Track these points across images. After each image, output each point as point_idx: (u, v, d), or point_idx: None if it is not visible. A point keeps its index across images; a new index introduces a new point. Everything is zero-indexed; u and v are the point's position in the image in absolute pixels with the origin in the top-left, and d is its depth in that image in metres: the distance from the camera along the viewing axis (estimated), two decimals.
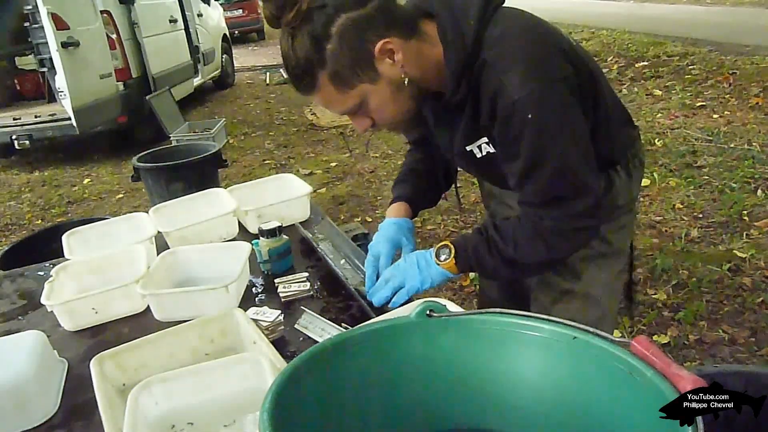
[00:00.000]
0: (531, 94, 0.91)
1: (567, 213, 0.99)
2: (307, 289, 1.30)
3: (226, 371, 0.93)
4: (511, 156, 0.98)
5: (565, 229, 1.01)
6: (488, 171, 1.15)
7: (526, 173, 0.98)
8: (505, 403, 0.69)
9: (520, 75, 0.91)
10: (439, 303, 0.72)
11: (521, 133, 0.94)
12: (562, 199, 0.98)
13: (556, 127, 0.94)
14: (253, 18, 14.60)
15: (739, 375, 1.00)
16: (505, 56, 0.93)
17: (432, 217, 3.54)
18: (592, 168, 0.99)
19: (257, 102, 7.71)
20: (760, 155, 3.94)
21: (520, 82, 0.91)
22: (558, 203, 0.98)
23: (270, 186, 1.81)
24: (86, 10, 4.91)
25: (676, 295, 2.56)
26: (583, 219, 1.00)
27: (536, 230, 1.02)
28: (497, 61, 0.93)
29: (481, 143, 1.06)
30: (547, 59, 0.94)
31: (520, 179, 0.99)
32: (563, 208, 0.99)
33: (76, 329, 1.26)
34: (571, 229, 1.01)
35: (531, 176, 0.98)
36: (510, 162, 0.99)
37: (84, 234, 1.58)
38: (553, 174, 0.96)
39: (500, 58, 0.93)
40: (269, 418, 0.54)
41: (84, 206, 4.51)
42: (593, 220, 1.02)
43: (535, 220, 1.02)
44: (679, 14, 10.78)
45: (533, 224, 1.02)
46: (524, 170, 0.97)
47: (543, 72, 0.93)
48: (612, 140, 1.10)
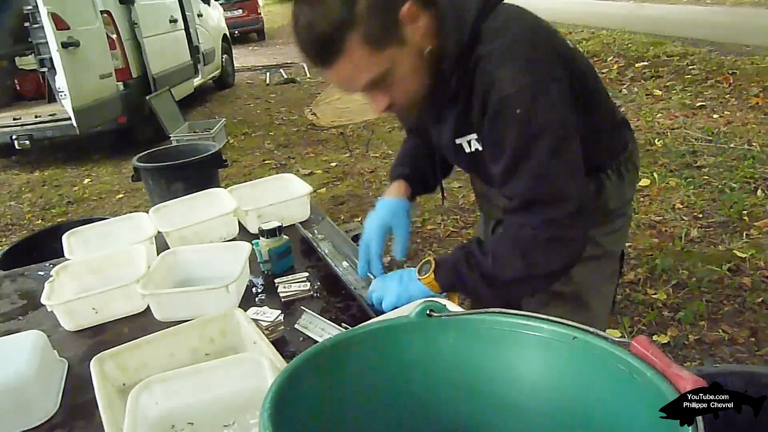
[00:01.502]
0: (522, 91, 0.90)
1: (544, 219, 0.97)
2: (307, 289, 1.30)
3: (226, 371, 0.93)
4: (498, 154, 0.97)
5: (541, 238, 0.98)
6: (476, 167, 1.15)
7: (508, 172, 0.96)
8: (505, 403, 0.69)
9: (513, 71, 0.91)
10: (439, 303, 0.72)
11: (508, 129, 0.93)
12: (540, 204, 0.96)
13: (543, 127, 0.93)
14: (253, 18, 14.60)
15: (739, 375, 1.00)
16: (502, 51, 0.92)
17: (432, 217, 3.54)
18: (577, 174, 0.97)
19: (257, 102, 7.71)
20: (760, 155, 3.94)
21: (513, 77, 0.90)
22: (537, 208, 0.97)
23: (270, 186, 1.81)
24: (86, 10, 4.91)
25: (676, 295, 2.56)
26: (560, 228, 0.97)
27: (514, 241, 1.00)
28: (493, 54, 0.93)
29: (470, 138, 1.05)
30: (543, 58, 0.94)
31: (503, 178, 0.98)
32: (541, 214, 0.97)
33: (77, 329, 1.26)
34: (548, 239, 0.98)
35: (513, 175, 0.96)
36: (496, 161, 0.98)
37: (84, 234, 1.58)
38: (533, 175, 0.95)
39: (496, 52, 0.93)
40: (269, 418, 0.54)
41: (84, 206, 4.51)
42: (573, 231, 0.98)
43: (514, 229, 1.01)
44: (679, 14, 10.78)
45: (512, 234, 1.01)
46: (507, 169, 0.96)
47: (537, 70, 0.92)
48: (603, 144, 1.09)
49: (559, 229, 0.97)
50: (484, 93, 0.94)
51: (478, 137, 1.03)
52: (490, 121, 0.95)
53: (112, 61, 5.24)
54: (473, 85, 0.96)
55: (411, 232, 1.27)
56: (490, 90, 0.93)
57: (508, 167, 0.96)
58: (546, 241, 0.98)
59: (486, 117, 0.95)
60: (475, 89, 0.96)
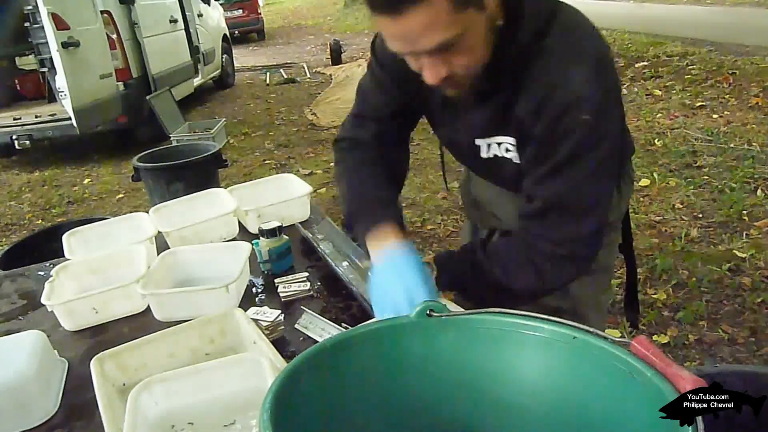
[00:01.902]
0: (593, 97, 0.86)
1: (565, 235, 0.93)
2: (307, 289, 1.30)
3: (226, 371, 0.93)
4: (546, 153, 0.90)
5: (558, 254, 0.94)
6: (488, 171, 1.10)
7: (551, 172, 0.91)
8: (505, 403, 0.69)
9: (587, 74, 0.86)
10: (439, 303, 0.72)
11: (569, 132, 0.87)
12: (563, 214, 0.93)
13: (602, 139, 0.89)
14: (253, 18, 14.60)
15: (739, 375, 1.00)
16: (574, 50, 0.87)
17: (432, 217, 3.54)
18: (610, 194, 0.95)
19: (257, 102, 7.71)
20: (760, 155, 3.94)
21: (586, 80, 0.85)
22: (558, 218, 0.93)
23: (270, 186, 1.81)
24: (86, 10, 4.91)
25: (676, 295, 2.56)
26: (579, 245, 0.95)
27: (529, 252, 0.96)
28: (564, 50, 0.86)
29: (492, 142, 0.98)
30: (610, 66, 0.90)
31: (540, 178, 0.92)
32: (561, 228, 0.93)
33: (77, 329, 1.26)
34: (564, 255, 0.95)
35: (554, 177, 0.91)
36: (540, 159, 0.92)
37: (84, 234, 1.58)
38: (574, 183, 0.90)
39: (568, 48, 0.86)
40: (269, 418, 0.54)
41: (84, 206, 4.51)
42: (587, 250, 0.96)
43: (530, 240, 0.96)
44: (679, 14, 10.77)
45: (527, 245, 0.97)
46: (551, 169, 0.90)
47: (606, 78, 0.88)
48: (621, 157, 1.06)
49: (577, 247, 0.95)
50: (547, 88, 0.87)
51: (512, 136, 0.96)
52: (548, 120, 0.88)
53: (112, 61, 5.24)
54: (524, 78, 0.89)
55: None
56: (555, 87, 0.86)
57: (553, 168, 0.91)
58: (562, 258, 0.95)
59: (542, 114, 0.88)
60: (526, 83, 0.89)
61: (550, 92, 0.87)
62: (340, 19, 16.38)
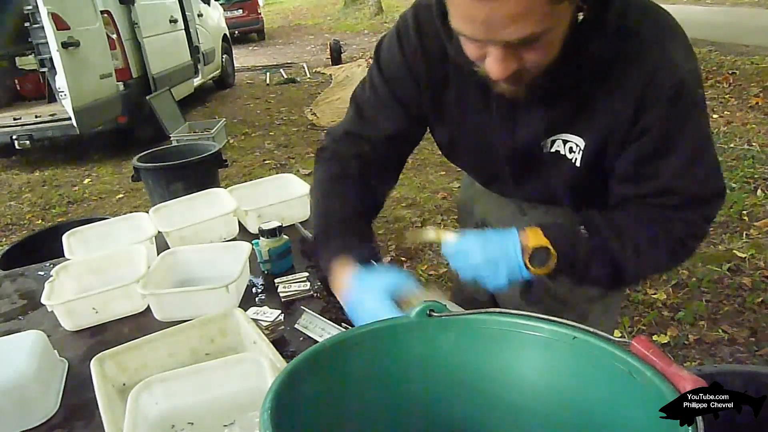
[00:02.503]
0: (696, 68, 0.81)
1: (705, 215, 0.88)
2: (307, 289, 1.30)
3: (226, 371, 0.93)
4: (668, 147, 0.82)
5: (691, 234, 0.89)
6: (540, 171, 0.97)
7: (684, 167, 0.83)
8: (505, 403, 0.69)
9: (682, 46, 0.81)
10: (439, 303, 0.72)
11: (688, 116, 0.81)
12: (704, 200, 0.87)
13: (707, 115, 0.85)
14: (253, 18, 14.59)
15: (739, 375, 1.01)
16: (660, 25, 0.82)
17: (432, 217, 3.54)
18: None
19: (257, 102, 7.71)
20: (760, 155, 3.94)
21: (685, 53, 0.80)
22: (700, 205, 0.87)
23: (270, 186, 1.81)
24: (86, 10, 4.91)
25: (676, 295, 2.57)
26: (705, 225, 0.91)
27: (666, 234, 0.87)
28: (653, 30, 0.81)
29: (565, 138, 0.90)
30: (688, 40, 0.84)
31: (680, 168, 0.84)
32: (702, 211, 0.88)
33: (77, 329, 1.26)
34: (696, 235, 0.90)
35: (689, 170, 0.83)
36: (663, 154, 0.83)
37: (84, 234, 1.58)
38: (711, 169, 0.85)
39: (655, 27, 0.81)
40: (269, 418, 0.54)
41: (84, 206, 4.51)
42: (708, 228, 0.92)
43: (663, 222, 0.87)
44: (679, 14, 10.65)
45: (665, 228, 0.87)
46: (683, 164, 0.83)
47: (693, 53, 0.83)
48: None
49: (707, 228, 0.91)
50: (648, 74, 0.80)
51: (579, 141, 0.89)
52: (662, 105, 0.81)
53: (112, 61, 5.24)
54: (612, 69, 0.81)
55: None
56: (658, 69, 0.79)
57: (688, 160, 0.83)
58: (694, 238, 0.90)
59: (649, 101, 0.81)
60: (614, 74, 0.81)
61: (653, 76, 0.80)
62: (340, 19, 16.39)
